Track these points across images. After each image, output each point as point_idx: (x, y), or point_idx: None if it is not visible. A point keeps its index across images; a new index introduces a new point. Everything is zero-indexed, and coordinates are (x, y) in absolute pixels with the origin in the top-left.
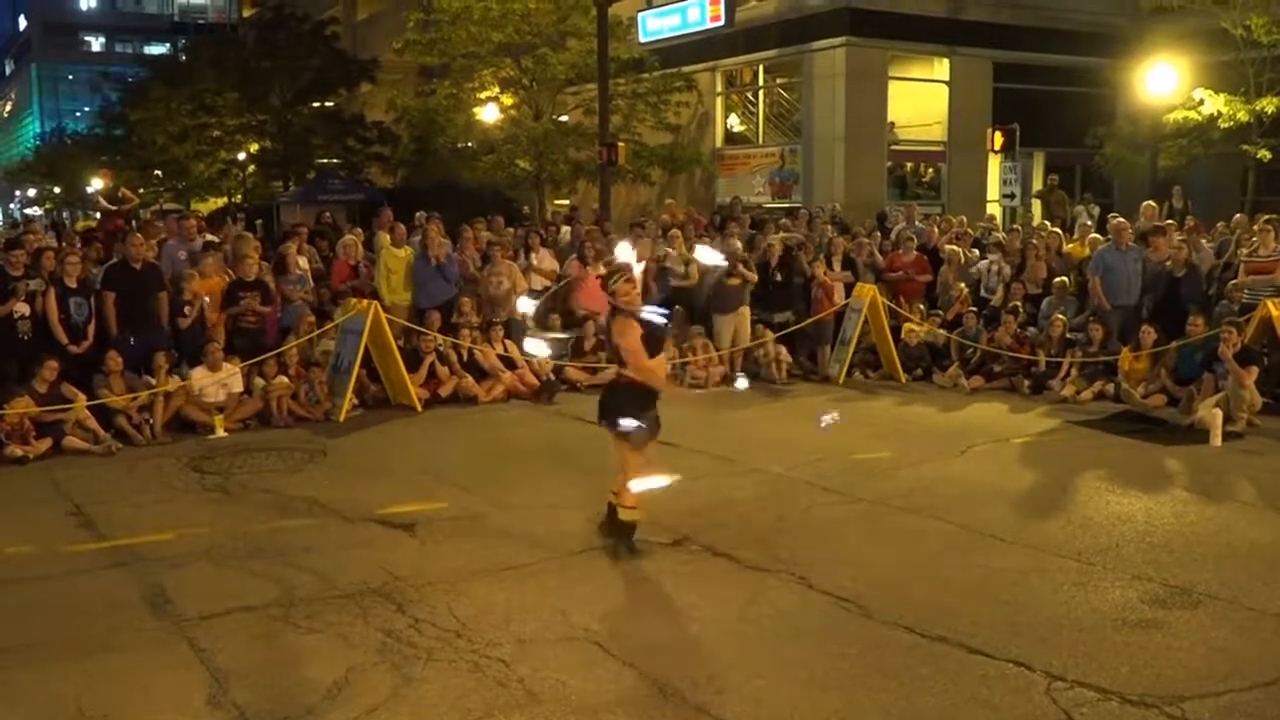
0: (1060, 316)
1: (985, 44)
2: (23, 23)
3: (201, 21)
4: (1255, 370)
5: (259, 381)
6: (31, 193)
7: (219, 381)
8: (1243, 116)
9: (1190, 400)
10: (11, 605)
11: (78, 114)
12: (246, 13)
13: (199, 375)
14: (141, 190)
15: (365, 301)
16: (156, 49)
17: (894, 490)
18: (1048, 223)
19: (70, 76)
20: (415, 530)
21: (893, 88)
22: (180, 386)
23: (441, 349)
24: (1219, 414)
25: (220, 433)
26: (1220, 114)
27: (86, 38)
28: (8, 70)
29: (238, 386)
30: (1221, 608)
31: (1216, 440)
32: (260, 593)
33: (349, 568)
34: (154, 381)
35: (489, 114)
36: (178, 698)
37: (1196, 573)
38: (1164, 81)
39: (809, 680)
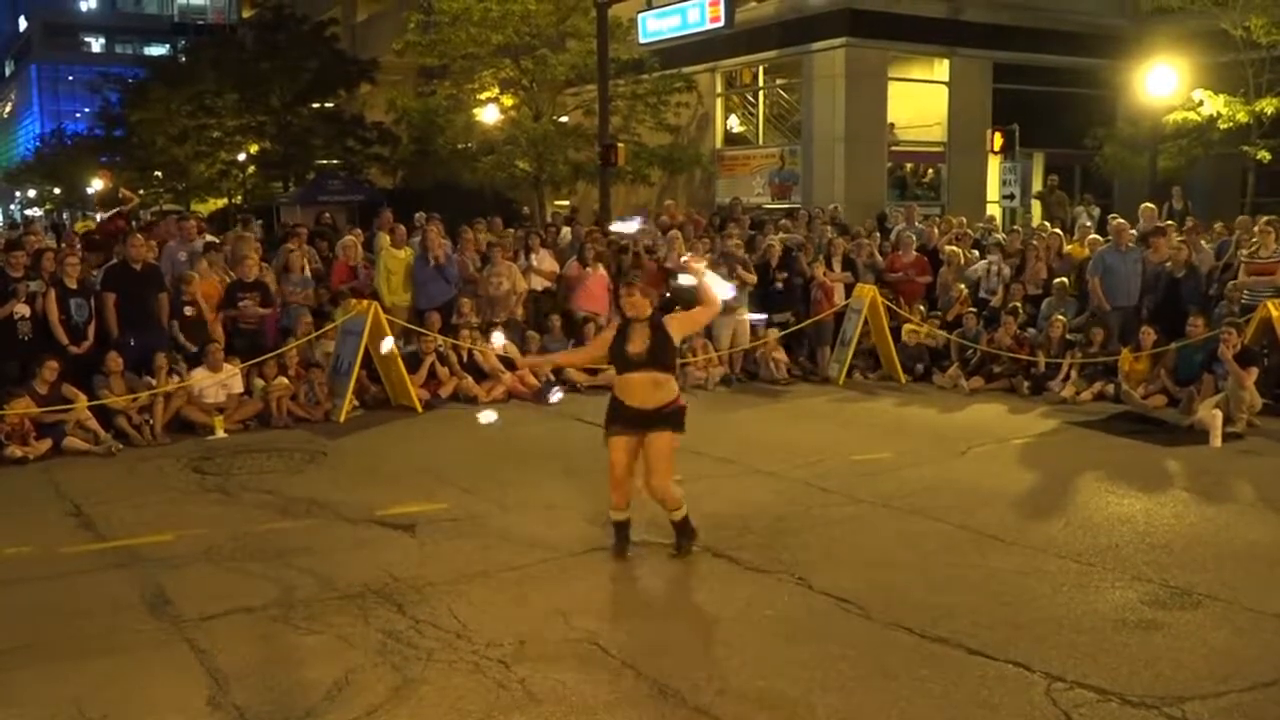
0: (1060, 317)
1: (985, 45)
2: (23, 23)
3: (201, 22)
4: (1255, 371)
5: (259, 382)
6: (31, 193)
7: (219, 382)
8: (1242, 117)
9: (1190, 401)
10: (11, 606)
11: (78, 115)
12: (246, 14)
13: (199, 376)
14: (141, 191)
15: (365, 302)
16: (156, 50)
17: (894, 491)
18: (1047, 223)
19: (70, 77)
20: (415, 531)
21: (892, 88)
22: (180, 387)
23: (441, 350)
24: (1219, 415)
25: (220, 434)
26: (1220, 115)
27: (86, 39)
28: (8, 71)
29: (238, 387)
30: (1221, 609)
31: (1216, 441)
32: (260, 594)
33: (349, 569)
34: (154, 382)
35: (489, 115)
36: (177, 699)
37: (1196, 574)
38: (1164, 82)
39: (810, 681)
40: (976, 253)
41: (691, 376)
